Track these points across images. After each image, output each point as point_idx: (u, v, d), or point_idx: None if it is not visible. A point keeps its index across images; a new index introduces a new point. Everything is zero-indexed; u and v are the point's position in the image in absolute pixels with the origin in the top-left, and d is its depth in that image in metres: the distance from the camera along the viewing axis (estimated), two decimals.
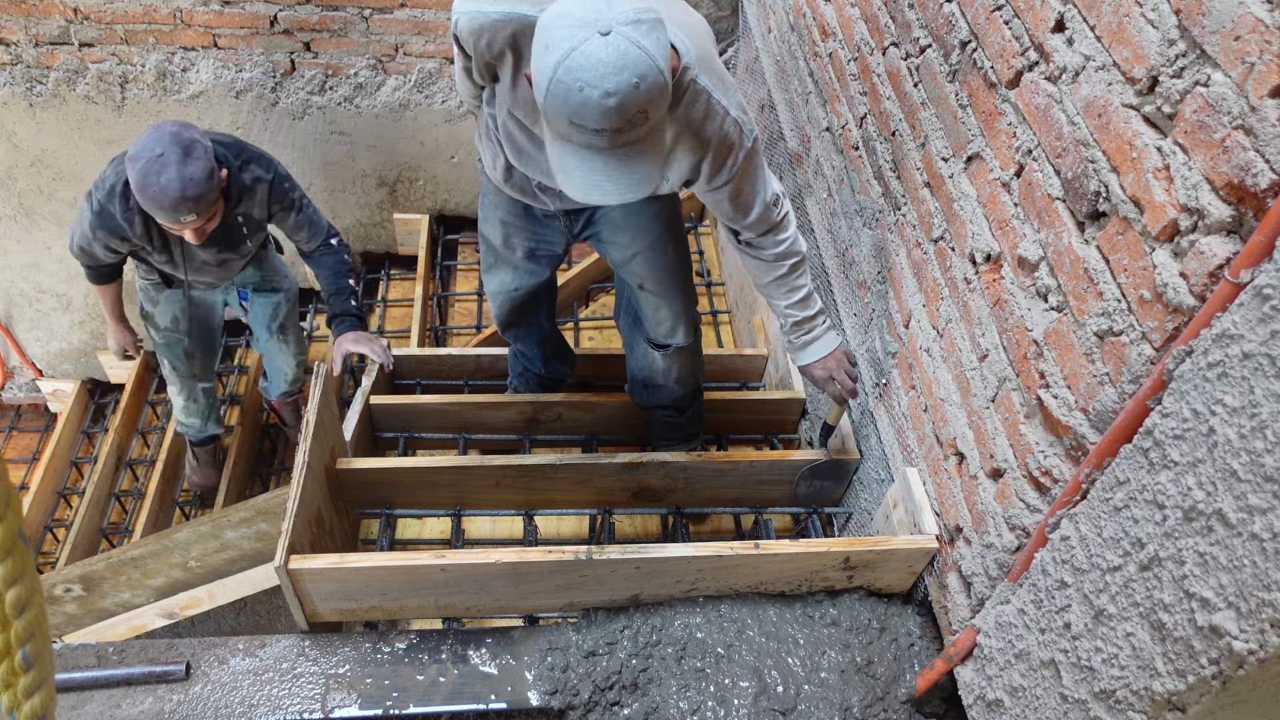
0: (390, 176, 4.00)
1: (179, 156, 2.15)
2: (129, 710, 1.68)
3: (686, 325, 2.33)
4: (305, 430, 1.92)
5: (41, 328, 4.42)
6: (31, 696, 0.62)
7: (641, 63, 1.33)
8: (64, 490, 4.37)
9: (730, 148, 1.72)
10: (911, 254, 1.92)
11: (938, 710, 1.79)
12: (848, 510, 2.37)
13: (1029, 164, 1.44)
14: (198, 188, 2.18)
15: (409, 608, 1.88)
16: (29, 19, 3.35)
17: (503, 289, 2.41)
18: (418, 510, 2.42)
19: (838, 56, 2.37)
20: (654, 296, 2.27)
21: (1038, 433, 1.44)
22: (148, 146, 2.17)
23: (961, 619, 1.70)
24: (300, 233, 2.67)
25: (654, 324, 2.33)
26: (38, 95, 3.52)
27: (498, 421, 2.64)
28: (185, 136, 2.21)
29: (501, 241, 2.28)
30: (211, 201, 2.26)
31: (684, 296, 2.29)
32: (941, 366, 1.79)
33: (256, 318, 3.20)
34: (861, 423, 2.28)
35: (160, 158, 2.14)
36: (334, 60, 3.58)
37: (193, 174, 2.17)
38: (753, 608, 1.88)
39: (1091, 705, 1.25)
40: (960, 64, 1.67)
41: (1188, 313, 1.09)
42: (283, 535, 1.72)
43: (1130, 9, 1.17)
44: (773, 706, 1.75)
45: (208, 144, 2.28)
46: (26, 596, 0.59)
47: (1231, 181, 1.01)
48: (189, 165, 2.17)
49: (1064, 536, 1.32)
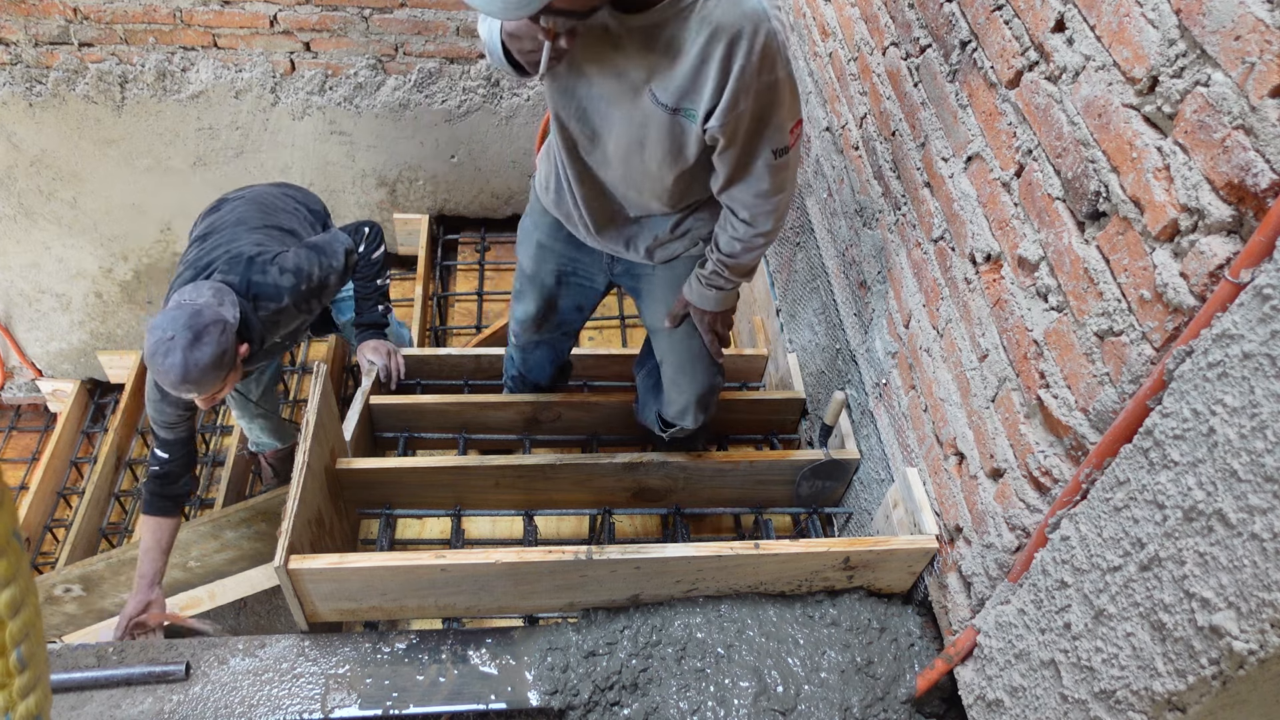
0: (390, 176, 4.00)
1: (188, 342, 2.10)
2: (129, 710, 1.68)
3: (697, 412, 2.27)
4: (305, 430, 1.92)
5: (41, 328, 4.42)
6: (26, 697, 0.62)
7: None
8: (64, 490, 4.37)
9: (753, 31, 1.50)
10: (911, 254, 1.92)
11: (938, 710, 1.79)
12: (848, 510, 2.37)
13: (1029, 164, 1.44)
14: (200, 373, 2.12)
15: (409, 608, 1.88)
16: (29, 19, 3.35)
17: (527, 315, 2.31)
18: (418, 510, 2.42)
19: (837, 56, 2.37)
20: (672, 375, 2.23)
21: (1038, 433, 1.44)
22: (162, 325, 2.13)
23: (961, 619, 1.70)
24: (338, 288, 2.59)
25: (666, 401, 2.29)
26: (37, 95, 3.52)
27: (498, 421, 2.64)
28: (204, 318, 2.15)
29: (533, 263, 2.19)
30: (218, 380, 2.19)
31: (703, 384, 2.21)
32: (941, 366, 1.79)
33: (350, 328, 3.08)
34: (861, 423, 2.28)
35: (170, 341, 2.10)
36: (334, 60, 3.58)
37: (198, 359, 2.11)
38: (753, 608, 1.88)
39: (1091, 705, 1.24)
40: (960, 64, 1.66)
41: (1188, 313, 1.08)
42: (282, 535, 1.72)
43: (1130, 9, 1.17)
44: (773, 706, 1.74)
45: (228, 322, 2.19)
46: (21, 597, 0.59)
47: (1232, 181, 1.01)
48: (197, 350, 2.11)
49: (1064, 536, 1.32)
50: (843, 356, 2.38)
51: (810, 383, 2.67)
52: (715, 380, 2.24)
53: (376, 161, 3.91)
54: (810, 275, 2.64)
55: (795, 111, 1.65)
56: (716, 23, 1.49)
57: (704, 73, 1.54)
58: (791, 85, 1.61)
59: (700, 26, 1.50)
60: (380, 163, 3.92)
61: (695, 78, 1.55)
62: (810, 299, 2.64)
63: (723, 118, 1.58)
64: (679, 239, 1.98)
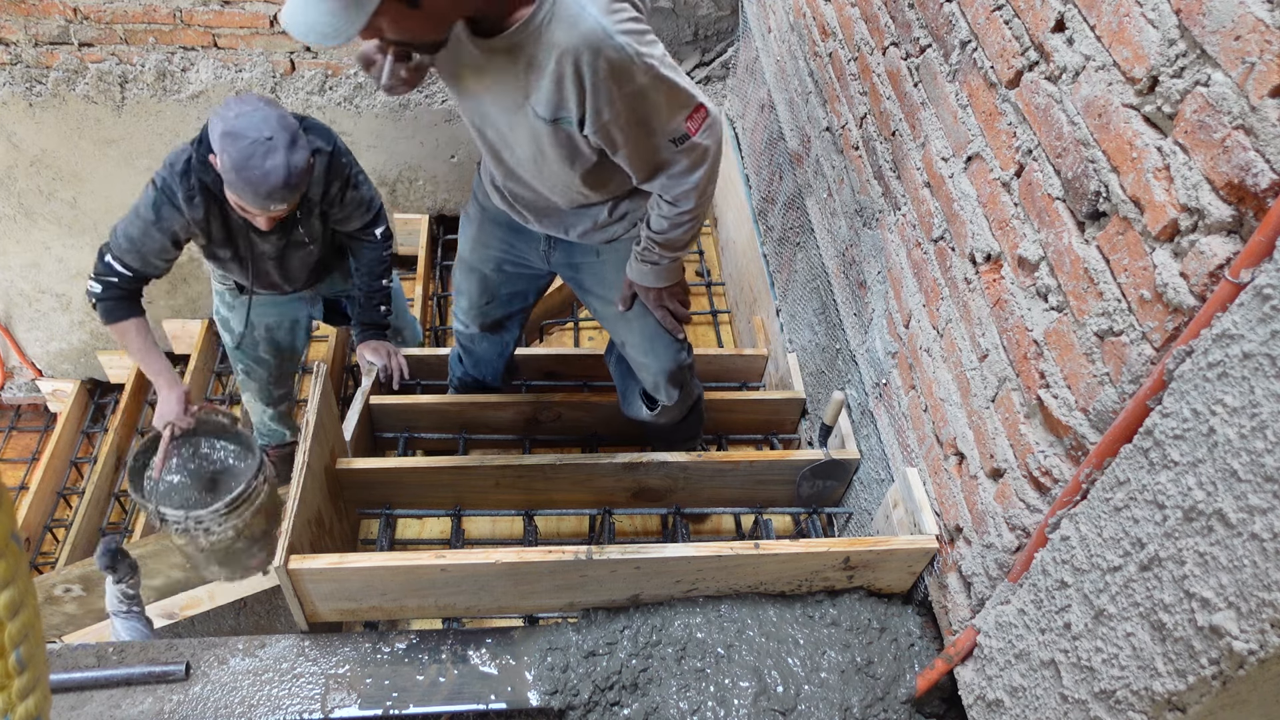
0: (390, 176, 4.00)
1: (287, 142, 2.01)
2: (129, 710, 1.68)
3: (669, 388, 2.28)
4: (305, 430, 1.92)
5: (41, 327, 4.42)
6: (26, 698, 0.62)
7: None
8: (64, 490, 4.37)
9: (597, 53, 1.53)
10: (911, 254, 1.92)
11: (938, 710, 1.79)
12: (848, 510, 2.37)
13: (1029, 164, 1.44)
14: (299, 178, 2.04)
15: (409, 608, 1.88)
16: (29, 19, 3.35)
17: (471, 304, 2.36)
18: (418, 510, 2.42)
19: (838, 56, 2.37)
20: (635, 356, 2.25)
21: (1038, 433, 1.43)
22: (254, 125, 2.00)
23: (961, 619, 1.70)
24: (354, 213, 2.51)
25: (641, 379, 2.32)
26: (37, 95, 3.52)
27: (498, 421, 2.64)
28: (290, 121, 2.06)
29: (471, 250, 2.24)
30: (302, 189, 2.13)
31: (667, 360, 2.22)
32: (941, 366, 1.79)
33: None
34: (861, 423, 2.28)
35: (269, 141, 1.99)
36: (334, 60, 3.58)
37: (298, 163, 2.02)
38: (753, 608, 1.88)
39: (1091, 705, 1.24)
40: (960, 64, 1.66)
41: (1188, 313, 1.08)
42: (283, 535, 1.72)
43: (1130, 9, 1.17)
44: (773, 706, 1.74)
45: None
46: (20, 598, 0.59)
47: (1231, 181, 1.00)
48: (295, 153, 2.02)
49: (1064, 536, 1.32)
50: (843, 356, 2.38)
51: (810, 383, 2.67)
52: (680, 356, 2.25)
53: (376, 161, 3.91)
54: (810, 275, 2.64)
55: (681, 104, 1.66)
56: (559, 46, 1.53)
57: (563, 88, 1.59)
58: (665, 86, 1.61)
59: (549, 49, 1.54)
60: (380, 163, 3.92)
61: (558, 92, 1.60)
62: (810, 299, 2.64)
63: (594, 126, 1.63)
64: (617, 222, 2.01)
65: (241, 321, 2.79)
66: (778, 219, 3.01)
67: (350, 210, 2.48)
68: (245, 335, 2.83)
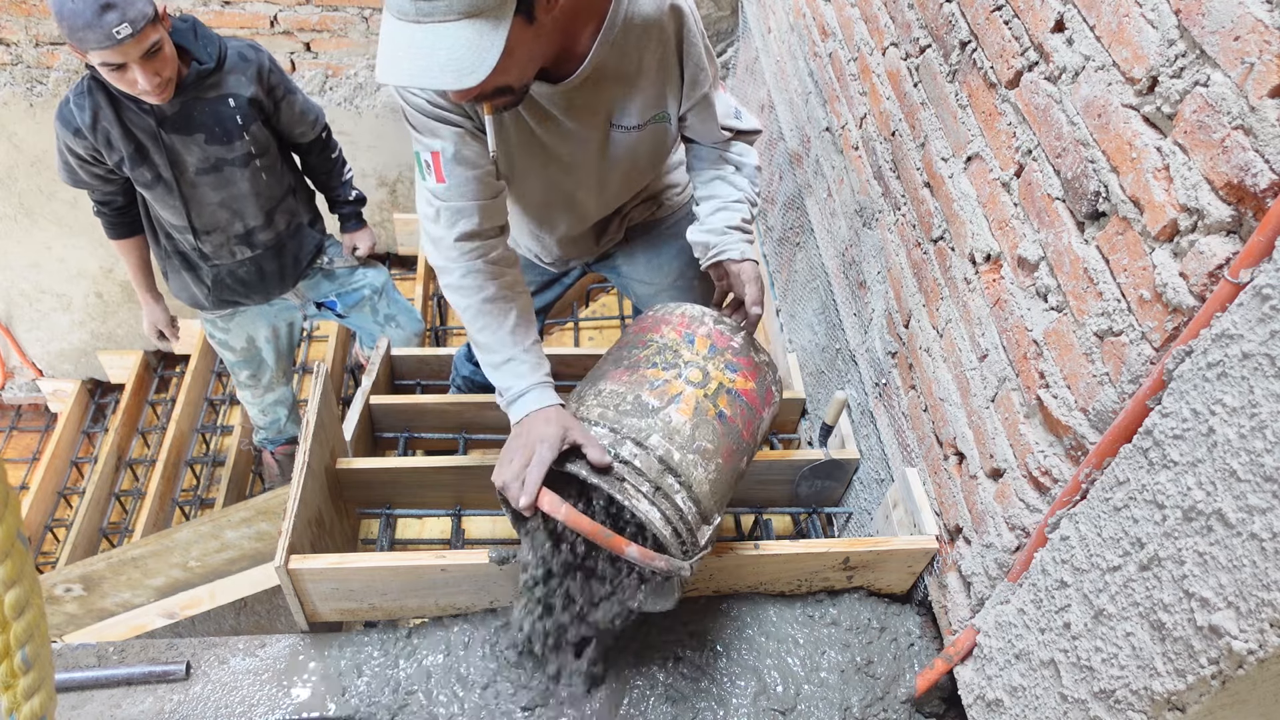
0: (390, 176, 4.00)
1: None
2: (129, 710, 1.68)
3: None
4: (305, 430, 1.92)
5: (41, 328, 4.42)
6: (31, 698, 0.62)
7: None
8: (64, 490, 4.37)
9: (680, 17, 1.59)
10: (911, 254, 1.92)
11: (937, 710, 1.79)
12: (848, 510, 2.37)
13: (1029, 164, 1.44)
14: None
15: (409, 608, 1.88)
16: (29, 19, 3.35)
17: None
18: (418, 510, 2.42)
19: (837, 56, 2.37)
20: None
21: (1037, 433, 1.44)
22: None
23: (961, 619, 1.71)
24: (303, 119, 2.54)
25: None
26: (38, 95, 3.52)
27: (498, 421, 2.64)
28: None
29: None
30: (146, 16, 1.99)
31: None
32: (941, 366, 1.79)
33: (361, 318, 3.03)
34: (861, 423, 2.28)
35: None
36: (334, 60, 3.58)
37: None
38: (752, 607, 1.88)
39: (1091, 705, 1.25)
40: (960, 64, 1.67)
41: (1187, 313, 1.09)
42: (283, 535, 1.72)
43: (1130, 9, 1.17)
44: (772, 706, 1.75)
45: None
46: (25, 598, 0.59)
47: (1231, 181, 1.01)
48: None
49: (1064, 536, 1.32)
50: (843, 356, 2.38)
51: (810, 383, 2.67)
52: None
53: (376, 161, 3.92)
54: (810, 275, 2.64)
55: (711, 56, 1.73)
56: (641, 25, 1.55)
57: (662, 72, 1.62)
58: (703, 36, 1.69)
59: (634, 42, 1.56)
60: (380, 163, 3.92)
61: (656, 83, 1.63)
62: (810, 299, 2.64)
63: (691, 84, 1.67)
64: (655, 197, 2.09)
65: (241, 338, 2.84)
66: (777, 219, 3.01)
67: (300, 123, 2.56)
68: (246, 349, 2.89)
